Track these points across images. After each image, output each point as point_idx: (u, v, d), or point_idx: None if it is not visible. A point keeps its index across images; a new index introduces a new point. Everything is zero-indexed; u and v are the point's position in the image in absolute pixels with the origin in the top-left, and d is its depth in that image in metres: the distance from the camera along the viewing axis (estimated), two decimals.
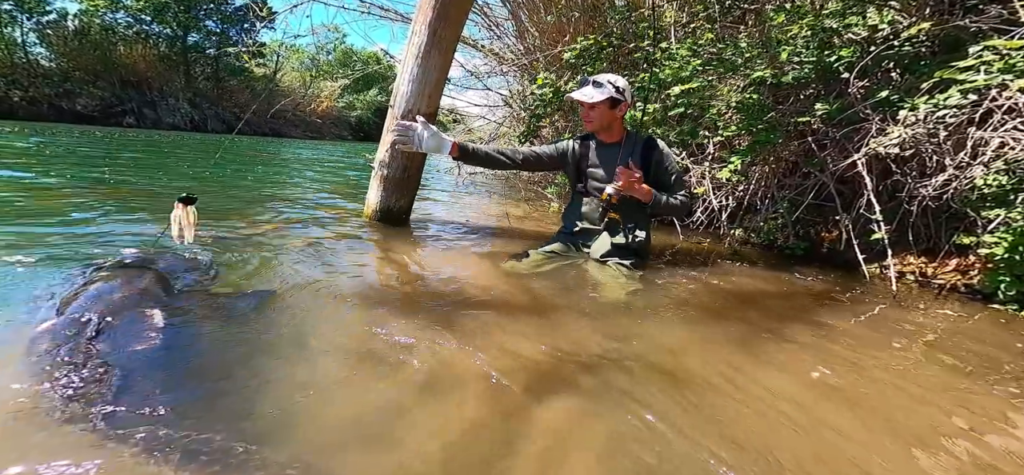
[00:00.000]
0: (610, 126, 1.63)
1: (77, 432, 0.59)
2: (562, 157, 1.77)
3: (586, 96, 1.56)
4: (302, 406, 0.71)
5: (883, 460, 0.68)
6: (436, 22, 1.94)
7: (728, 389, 0.85)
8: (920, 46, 1.79)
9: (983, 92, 1.48)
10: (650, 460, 0.65)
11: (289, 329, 0.95)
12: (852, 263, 1.80)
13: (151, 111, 17.91)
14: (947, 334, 1.24)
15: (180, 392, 0.70)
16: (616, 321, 1.18)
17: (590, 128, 1.66)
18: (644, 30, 2.84)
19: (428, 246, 1.88)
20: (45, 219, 1.78)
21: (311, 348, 0.89)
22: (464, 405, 0.74)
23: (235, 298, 1.07)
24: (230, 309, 1.00)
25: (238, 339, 0.89)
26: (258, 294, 1.10)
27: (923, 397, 0.89)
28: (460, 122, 7.11)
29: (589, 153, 1.70)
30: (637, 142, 1.65)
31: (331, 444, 0.63)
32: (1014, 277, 1.43)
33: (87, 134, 8.58)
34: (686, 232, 2.44)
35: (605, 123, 1.61)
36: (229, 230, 1.78)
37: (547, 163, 1.81)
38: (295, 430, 0.65)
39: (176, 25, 19.13)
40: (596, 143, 1.70)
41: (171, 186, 2.98)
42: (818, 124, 1.99)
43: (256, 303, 1.05)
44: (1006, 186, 1.45)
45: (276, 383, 0.76)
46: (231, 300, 1.05)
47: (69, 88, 16.10)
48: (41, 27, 16.30)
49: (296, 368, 0.81)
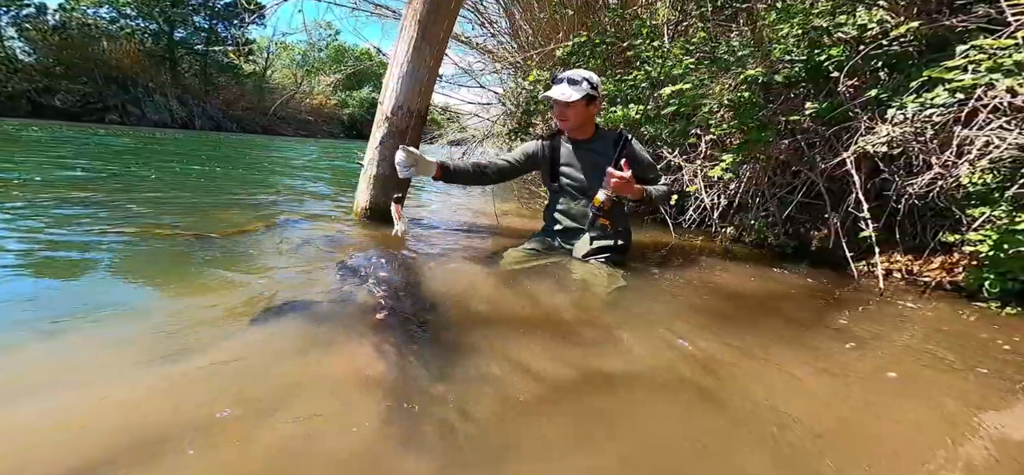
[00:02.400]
0: (584, 124, 1.59)
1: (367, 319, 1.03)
2: (530, 160, 1.72)
3: (563, 95, 1.51)
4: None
5: (865, 458, 0.68)
6: (426, 18, 1.91)
7: (711, 387, 0.85)
8: (908, 45, 1.80)
9: (970, 91, 1.50)
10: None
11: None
12: (841, 261, 1.81)
13: (136, 108, 17.51)
14: (932, 331, 1.25)
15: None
16: (602, 321, 1.17)
17: (565, 127, 1.61)
18: (638, 27, 2.83)
19: (413, 246, 1.85)
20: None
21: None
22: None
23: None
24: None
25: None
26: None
27: (906, 393, 0.89)
28: (454, 120, 7.06)
29: (560, 152, 1.66)
30: (608, 138, 1.61)
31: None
32: (998, 274, 1.45)
33: (52, 130, 8.35)
34: (678, 230, 2.44)
35: (580, 122, 1.57)
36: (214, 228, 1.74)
37: (520, 169, 1.74)
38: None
39: (162, 20, 18.72)
40: (568, 141, 1.65)
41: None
42: (808, 123, 2.00)
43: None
44: (991, 184, 1.47)
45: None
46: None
47: (49, 84, 15.67)
48: (19, 21, 15.83)
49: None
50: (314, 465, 0.59)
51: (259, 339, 0.92)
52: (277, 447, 0.61)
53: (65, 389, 0.72)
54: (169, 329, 0.92)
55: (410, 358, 0.87)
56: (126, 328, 0.94)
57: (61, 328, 0.90)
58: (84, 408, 0.67)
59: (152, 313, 1.02)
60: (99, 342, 0.89)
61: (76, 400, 0.69)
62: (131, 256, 1.41)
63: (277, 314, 1.02)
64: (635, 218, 2.78)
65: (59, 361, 0.81)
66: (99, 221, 1.79)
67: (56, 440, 0.61)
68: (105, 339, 0.90)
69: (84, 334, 0.90)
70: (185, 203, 2.35)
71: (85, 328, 0.92)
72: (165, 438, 0.61)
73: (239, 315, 1.00)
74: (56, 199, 2.14)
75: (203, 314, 1.01)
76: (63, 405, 0.67)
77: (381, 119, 2.04)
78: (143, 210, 2.06)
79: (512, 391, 0.79)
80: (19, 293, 1.07)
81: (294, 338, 0.93)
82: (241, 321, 0.97)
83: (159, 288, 1.19)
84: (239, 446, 0.61)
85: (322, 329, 0.98)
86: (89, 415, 0.66)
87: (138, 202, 2.25)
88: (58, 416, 0.65)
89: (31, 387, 0.72)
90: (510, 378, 0.83)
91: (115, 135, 8.63)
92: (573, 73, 1.55)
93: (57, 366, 0.79)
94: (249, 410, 0.68)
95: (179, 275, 1.26)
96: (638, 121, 2.50)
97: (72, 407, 0.67)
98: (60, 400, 0.69)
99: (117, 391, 0.72)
